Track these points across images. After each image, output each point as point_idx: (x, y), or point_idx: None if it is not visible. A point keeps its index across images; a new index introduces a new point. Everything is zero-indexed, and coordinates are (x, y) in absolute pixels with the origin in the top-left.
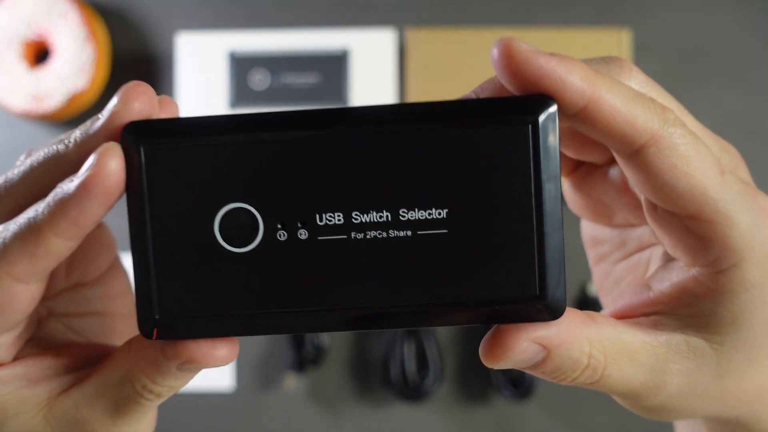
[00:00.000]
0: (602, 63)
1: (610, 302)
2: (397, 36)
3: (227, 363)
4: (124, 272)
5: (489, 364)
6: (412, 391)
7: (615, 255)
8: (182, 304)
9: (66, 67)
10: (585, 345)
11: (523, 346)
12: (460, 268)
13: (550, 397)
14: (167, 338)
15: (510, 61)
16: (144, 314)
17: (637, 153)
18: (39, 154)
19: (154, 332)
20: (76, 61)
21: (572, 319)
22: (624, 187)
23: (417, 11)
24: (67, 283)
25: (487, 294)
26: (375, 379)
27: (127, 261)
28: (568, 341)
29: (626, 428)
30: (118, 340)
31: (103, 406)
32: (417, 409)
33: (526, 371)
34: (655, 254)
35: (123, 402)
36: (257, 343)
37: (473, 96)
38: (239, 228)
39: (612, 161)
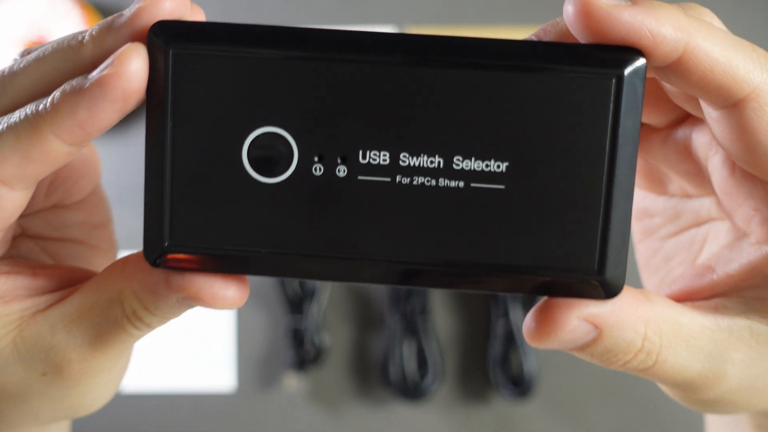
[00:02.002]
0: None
1: (657, 282)
2: None
3: (234, 307)
4: (107, 202)
5: (534, 343)
6: (412, 391)
7: (666, 229)
8: (196, 233)
9: None
10: (640, 326)
11: (573, 324)
12: (513, 229)
13: (550, 397)
14: (174, 268)
15: (589, 21)
16: (152, 239)
17: (734, 107)
18: (45, 48)
19: (163, 260)
20: None
21: (627, 296)
22: (686, 153)
23: (418, 10)
24: (46, 203)
25: (539, 262)
26: (375, 379)
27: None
28: (622, 321)
29: (627, 428)
30: None
31: (83, 330)
32: (417, 409)
33: (574, 353)
34: (713, 231)
35: (107, 328)
36: (257, 343)
37: (534, 40)
38: (270, 155)
39: (674, 124)
